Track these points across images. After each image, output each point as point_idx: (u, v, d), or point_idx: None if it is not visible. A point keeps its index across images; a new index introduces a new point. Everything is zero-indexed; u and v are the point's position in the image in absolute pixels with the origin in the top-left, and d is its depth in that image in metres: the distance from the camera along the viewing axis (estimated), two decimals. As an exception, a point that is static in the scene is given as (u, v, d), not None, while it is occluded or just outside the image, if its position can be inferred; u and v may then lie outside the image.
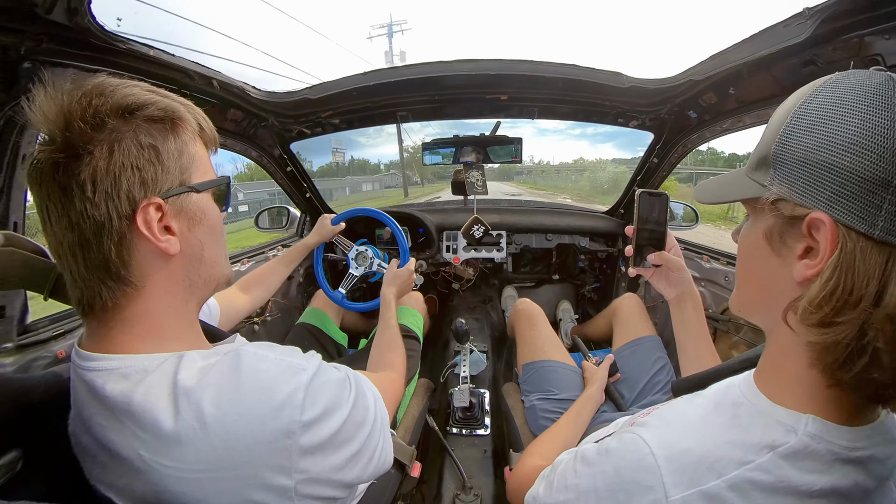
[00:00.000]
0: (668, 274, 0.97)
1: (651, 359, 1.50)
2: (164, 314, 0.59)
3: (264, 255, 2.11)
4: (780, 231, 0.49)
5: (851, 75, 0.46)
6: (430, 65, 1.60)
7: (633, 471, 0.51)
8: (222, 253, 0.67)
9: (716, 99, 1.49)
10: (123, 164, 0.52)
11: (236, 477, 0.52)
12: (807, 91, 0.48)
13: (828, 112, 0.45)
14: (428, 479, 1.55)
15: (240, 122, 1.70)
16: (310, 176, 2.28)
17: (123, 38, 0.92)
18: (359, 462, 0.63)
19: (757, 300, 0.56)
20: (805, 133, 0.46)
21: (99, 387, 0.53)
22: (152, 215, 0.54)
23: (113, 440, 0.52)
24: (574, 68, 1.56)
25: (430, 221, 2.32)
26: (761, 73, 1.20)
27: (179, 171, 0.58)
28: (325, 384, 0.59)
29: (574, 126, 30.26)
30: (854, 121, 0.42)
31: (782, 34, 1.00)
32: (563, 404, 1.35)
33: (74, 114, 0.50)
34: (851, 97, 0.44)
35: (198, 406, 0.51)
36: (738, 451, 0.48)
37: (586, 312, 2.76)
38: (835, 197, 0.43)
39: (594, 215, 2.58)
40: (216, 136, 0.67)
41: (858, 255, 0.41)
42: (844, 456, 0.46)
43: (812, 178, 0.45)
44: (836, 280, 0.42)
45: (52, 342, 0.96)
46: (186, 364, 0.55)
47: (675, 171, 2.14)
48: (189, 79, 1.22)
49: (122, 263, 0.54)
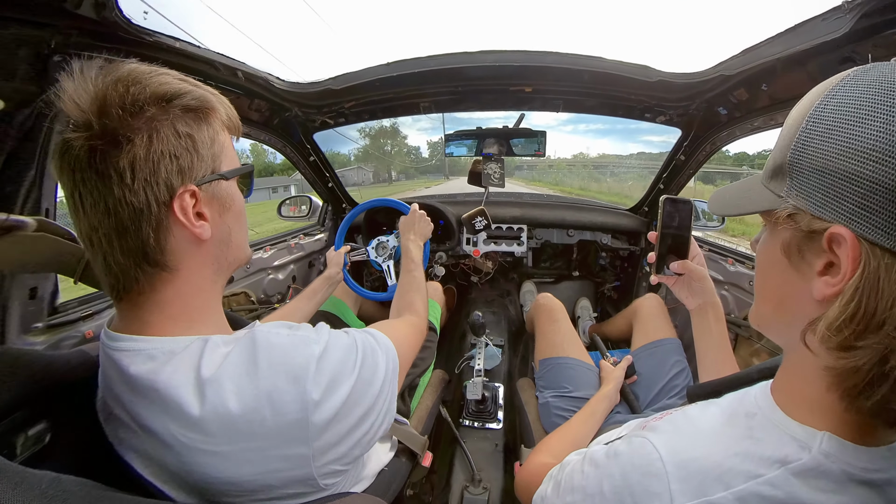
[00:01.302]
0: (690, 283, 0.95)
1: (670, 362, 1.46)
2: (194, 296, 0.61)
3: (286, 242, 2.15)
4: (799, 245, 0.46)
5: (872, 69, 0.42)
6: (453, 56, 1.58)
7: (640, 475, 0.50)
8: (246, 236, 0.70)
9: (747, 95, 1.43)
10: (163, 151, 0.53)
11: (258, 448, 0.55)
12: (823, 89, 0.44)
13: (846, 114, 0.41)
14: (438, 469, 1.57)
15: (263, 112, 1.72)
16: (332, 166, 2.31)
17: (150, 30, 0.94)
18: (368, 419, 0.65)
19: (775, 316, 0.53)
20: (822, 139, 0.42)
21: (125, 366, 0.56)
22: (188, 202, 0.56)
23: (141, 414, 0.56)
24: (600, 61, 1.52)
25: (451, 213, 2.32)
26: (796, 69, 1.14)
27: (211, 160, 0.60)
28: (334, 354, 0.62)
29: (580, 120, 28.53)
30: (875, 123, 0.38)
31: (819, 29, 0.95)
32: (578, 402, 1.34)
33: (112, 101, 0.51)
34: (872, 95, 0.39)
35: (219, 388, 0.54)
36: (748, 464, 0.46)
37: (605, 311, 2.72)
38: (857, 210, 0.39)
39: (617, 212, 2.53)
40: (240, 124, 0.69)
41: (883, 274, 0.38)
42: (859, 477, 0.44)
43: (831, 189, 0.41)
44: (857, 302, 0.39)
45: (80, 323, 1.01)
46: (210, 348, 0.57)
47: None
48: (214, 70, 1.24)
49: (159, 249, 0.56)
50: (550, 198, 3.00)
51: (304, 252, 2.24)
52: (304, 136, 2.02)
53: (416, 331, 1.05)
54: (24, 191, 0.89)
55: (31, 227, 0.72)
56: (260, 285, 1.96)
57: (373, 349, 0.70)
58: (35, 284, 0.92)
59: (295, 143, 2.04)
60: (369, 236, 1.94)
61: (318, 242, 2.35)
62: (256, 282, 1.94)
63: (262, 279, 1.98)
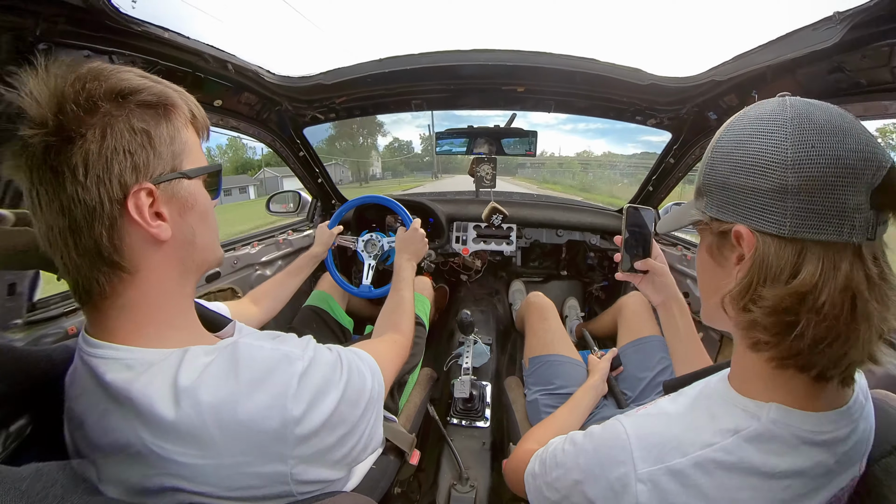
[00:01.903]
0: (653, 279, 1.03)
1: (654, 358, 1.49)
2: (160, 299, 0.59)
3: (274, 238, 2.12)
4: (718, 245, 0.57)
5: (755, 106, 0.55)
6: (446, 53, 1.57)
7: (608, 448, 0.60)
8: (214, 238, 0.68)
9: (737, 101, 1.45)
10: (116, 147, 0.52)
11: (234, 464, 0.53)
12: (723, 126, 0.57)
13: (733, 141, 0.54)
14: (426, 467, 1.57)
15: (253, 105, 1.70)
16: (322, 161, 2.29)
17: (138, 20, 0.92)
18: (349, 440, 0.65)
19: (713, 307, 0.61)
20: (721, 161, 0.54)
21: (101, 374, 0.54)
22: (143, 200, 0.54)
23: (114, 426, 0.53)
24: (593, 63, 1.53)
25: (441, 211, 2.32)
26: (786, 77, 1.16)
27: (171, 157, 0.57)
28: (318, 371, 0.61)
29: (579, 118, 29.20)
30: (752, 144, 0.51)
31: (810, 38, 0.97)
32: (565, 399, 1.35)
33: (67, 97, 0.50)
34: (751, 125, 0.52)
35: (196, 399, 0.52)
36: (704, 435, 0.54)
37: (593, 310, 2.74)
38: (748, 210, 0.51)
39: (606, 213, 2.56)
40: (208, 123, 0.66)
41: (772, 253, 0.49)
42: (810, 439, 0.51)
43: (731, 198, 0.53)
44: (750, 275, 0.51)
45: (62, 318, 0.98)
46: (189, 359, 0.55)
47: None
48: (204, 62, 1.21)
49: (113, 249, 0.54)
50: (540, 198, 3.01)
51: (293, 248, 2.22)
52: (294, 130, 2.00)
53: (401, 350, 1.05)
54: (4, 182, 0.87)
55: (10, 220, 0.70)
56: (247, 281, 1.94)
57: (359, 369, 0.69)
58: (14, 280, 0.90)
59: (285, 138, 2.02)
60: (357, 229, 1.92)
61: (306, 238, 2.33)
62: (244, 277, 1.92)
63: (250, 275, 1.96)
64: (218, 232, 0.69)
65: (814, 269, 0.47)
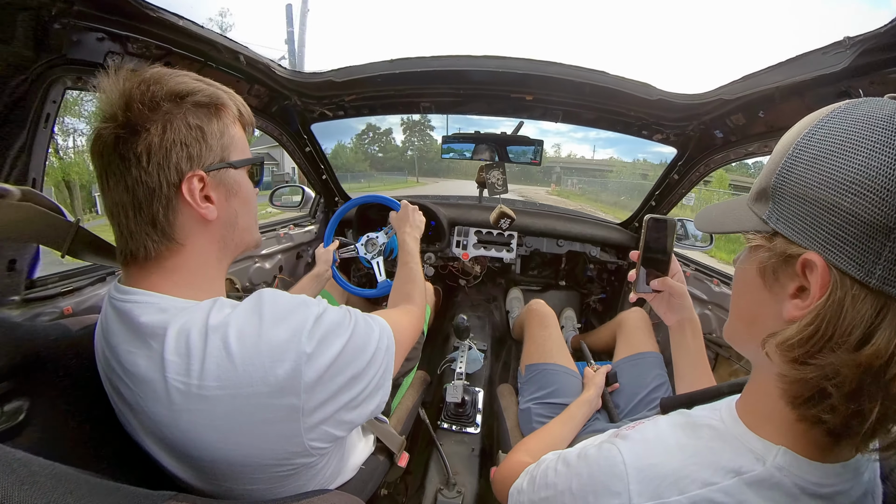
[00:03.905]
0: (669, 300, 0.96)
1: (651, 375, 1.48)
2: (199, 268, 0.68)
3: (275, 231, 2.12)
4: (774, 268, 0.47)
5: (863, 104, 0.43)
6: (457, 58, 1.58)
7: (604, 476, 0.54)
8: (254, 221, 0.77)
9: (744, 121, 1.45)
10: (174, 140, 0.61)
11: (252, 394, 0.58)
12: (813, 120, 0.46)
13: (831, 145, 0.42)
14: (414, 470, 1.56)
15: (263, 98, 1.70)
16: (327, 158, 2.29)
17: (154, 5, 0.92)
18: (357, 384, 0.68)
19: (746, 332, 0.54)
20: (806, 167, 0.44)
21: (135, 316, 0.60)
22: (195, 185, 0.63)
23: (138, 364, 0.59)
24: (603, 75, 1.54)
25: (443, 215, 2.32)
26: (794, 99, 1.17)
27: (220, 149, 0.66)
28: (330, 315, 0.66)
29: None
30: (858, 157, 0.40)
31: (819, 62, 0.97)
32: (559, 409, 1.34)
33: (135, 97, 0.59)
34: (858, 129, 0.41)
35: (224, 332, 0.58)
36: (704, 472, 0.49)
37: (589, 322, 2.74)
38: (831, 239, 0.41)
39: (608, 226, 2.56)
40: (253, 119, 0.76)
41: (849, 303, 0.40)
42: (813, 491, 0.46)
43: (809, 217, 0.43)
44: (815, 325, 0.41)
45: (59, 298, 0.98)
46: (219, 307, 0.62)
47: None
48: (216, 52, 1.22)
49: (167, 223, 0.63)
50: (543, 206, 3.01)
51: (293, 242, 2.22)
52: (301, 125, 2.00)
53: (414, 319, 1.05)
54: (11, 158, 0.87)
55: (15, 196, 0.70)
56: (246, 273, 1.93)
57: (366, 321, 0.74)
58: (14, 256, 0.89)
59: (291, 133, 2.02)
60: (360, 232, 1.92)
61: (307, 234, 2.33)
62: (243, 269, 1.92)
63: (249, 266, 1.96)
64: (257, 217, 0.78)
65: (891, 337, 0.39)
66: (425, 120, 36.55)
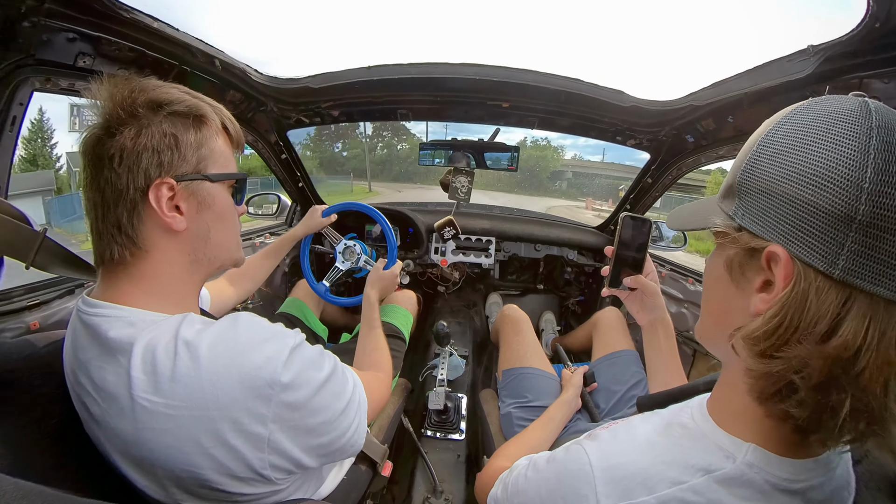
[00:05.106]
0: (642, 299, 0.97)
1: (628, 373, 1.50)
2: (168, 278, 0.67)
3: (251, 241, 2.08)
4: (741, 262, 0.48)
5: (825, 101, 0.44)
6: (434, 65, 1.59)
7: (571, 479, 0.54)
8: (231, 238, 0.76)
9: (714, 126, 1.51)
10: (146, 145, 0.62)
11: (218, 417, 0.57)
12: (777, 117, 0.47)
13: (793, 139, 0.43)
14: (399, 479, 1.54)
15: (238, 104, 1.67)
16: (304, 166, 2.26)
17: (128, 6, 0.90)
18: (330, 431, 0.68)
19: (715, 329, 0.54)
20: (769, 162, 0.45)
21: (103, 331, 0.60)
22: (163, 193, 0.63)
23: (107, 379, 0.58)
24: (577, 83, 1.57)
25: (421, 221, 2.31)
26: (761, 104, 1.22)
27: (196, 160, 0.67)
28: (307, 350, 0.66)
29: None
30: (820, 150, 0.41)
31: (785, 69, 1.02)
32: (539, 412, 1.35)
33: (117, 101, 0.61)
34: (820, 124, 0.42)
35: (195, 348, 0.58)
36: (673, 471, 0.48)
37: (569, 325, 2.77)
38: (794, 231, 0.41)
39: (584, 229, 2.60)
40: (241, 137, 0.76)
41: (813, 294, 0.40)
42: (783, 487, 0.46)
43: (773, 210, 0.43)
44: (780, 317, 0.41)
45: (25, 312, 0.93)
46: (189, 321, 0.62)
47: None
48: (191, 55, 1.19)
49: (131, 227, 0.63)
50: (520, 212, 3.05)
51: (269, 252, 2.17)
52: (277, 132, 1.97)
53: (381, 386, 1.06)
54: None
55: None
56: (220, 283, 1.88)
57: (342, 369, 0.73)
58: (-25, 269, 0.84)
59: (268, 140, 1.99)
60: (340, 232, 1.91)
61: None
62: None
63: (223, 276, 1.90)
64: (238, 235, 0.78)
65: (857, 329, 0.38)
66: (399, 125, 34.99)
